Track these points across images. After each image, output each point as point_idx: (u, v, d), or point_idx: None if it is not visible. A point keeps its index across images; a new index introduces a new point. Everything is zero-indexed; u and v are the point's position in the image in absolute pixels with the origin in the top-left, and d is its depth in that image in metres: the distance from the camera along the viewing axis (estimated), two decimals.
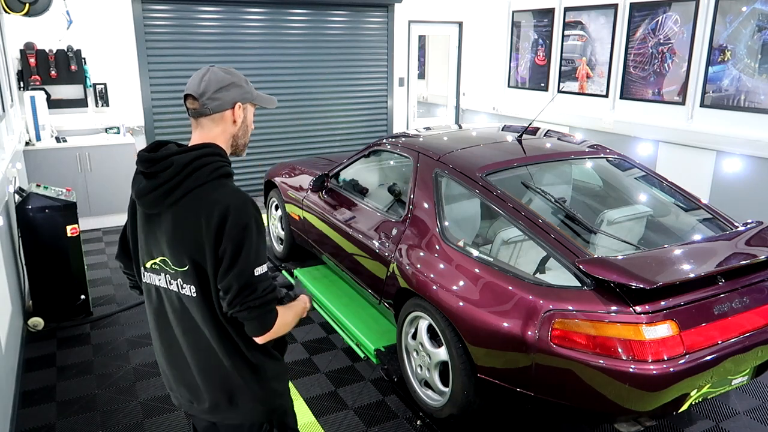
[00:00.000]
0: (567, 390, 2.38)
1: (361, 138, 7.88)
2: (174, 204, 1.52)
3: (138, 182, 1.59)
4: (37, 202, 3.81)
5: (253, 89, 1.68)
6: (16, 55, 5.71)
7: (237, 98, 1.61)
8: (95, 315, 4.14)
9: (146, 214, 1.61)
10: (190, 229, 1.50)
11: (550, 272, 2.64)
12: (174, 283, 1.58)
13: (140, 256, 1.68)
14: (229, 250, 1.47)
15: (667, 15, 5.64)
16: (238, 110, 1.62)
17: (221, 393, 1.65)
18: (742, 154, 5.09)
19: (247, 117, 1.67)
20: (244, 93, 1.63)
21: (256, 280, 1.50)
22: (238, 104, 1.62)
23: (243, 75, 1.67)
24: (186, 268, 1.53)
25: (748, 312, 2.46)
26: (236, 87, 1.61)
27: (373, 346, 3.48)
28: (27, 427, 2.95)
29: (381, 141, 3.92)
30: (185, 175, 1.51)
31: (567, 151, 3.52)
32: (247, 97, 1.64)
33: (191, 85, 1.58)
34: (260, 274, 1.51)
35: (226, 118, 1.61)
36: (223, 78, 1.59)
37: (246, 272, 1.48)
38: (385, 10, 7.65)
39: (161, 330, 1.69)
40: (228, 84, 1.59)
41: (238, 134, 1.65)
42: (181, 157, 1.52)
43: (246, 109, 1.66)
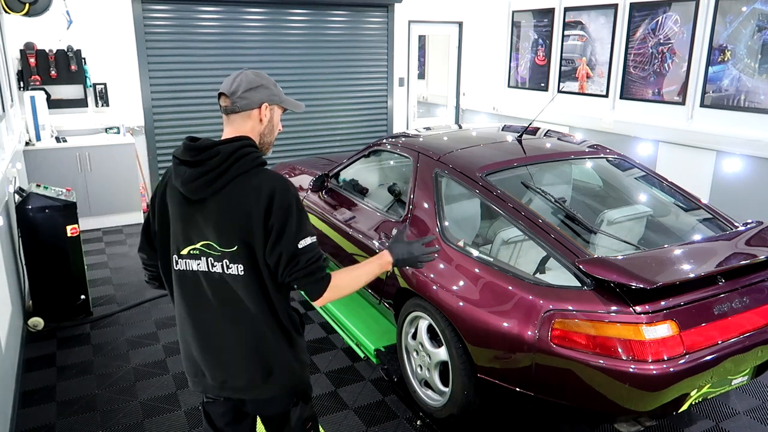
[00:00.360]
0: (567, 390, 2.38)
1: (361, 138, 7.88)
2: (220, 189, 1.65)
3: (180, 172, 1.67)
4: (37, 202, 3.81)
5: (281, 93, 1.80)
6: (16, 55, 5.71)
7: (264, 99, 1.74)
8: (95, 315, 4.14)
9: (186, 203, 1.70)
10: (239, 212, 1.63)
11: (550, 272, 2.64)
12: (217, 264, 1.68)
13: (173, 245, 1.76)
14: (276, 229, 1.62)
15: (667, 15, 5.64)
16: (265, 110, 1.75)
17: (260, 367, 1.76)
18: (742, 154, 5.09)
19: (273, 117, 1.80)
20: (271, 95, 1.76)
21: (299, 252, 1.63)
22: (265, 104, 1.75)
23: (273, 79, 1.80)
24: (234, 248, 1.65)
25: (748, 312, 2.46)
26: (264, 89, 1.74)
27: (373, 346, 3.48)
28: (27, 427, 2.95)
29: (381, 141, 3.92)
30: (231, 162, 1.64)
31: (567, 151, 3.52)
32: (274, 99, 1.77)
33: (225, 84, 1.74)
34: (304, 246, 1.64)
35: (253, 116, 1.74)
36: (253, 80, 1.73)
37: (291, 246, 1.62)
38: (385, 10, 7.65)
39: (196, 314, 1.76)
40: (257, 86, 1.73)
41: (264, 132, 1.78)
42: (226, 147, 1.65)
43: (272, 110, 1.78)
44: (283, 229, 1.62)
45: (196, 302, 1.75)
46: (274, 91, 1.77)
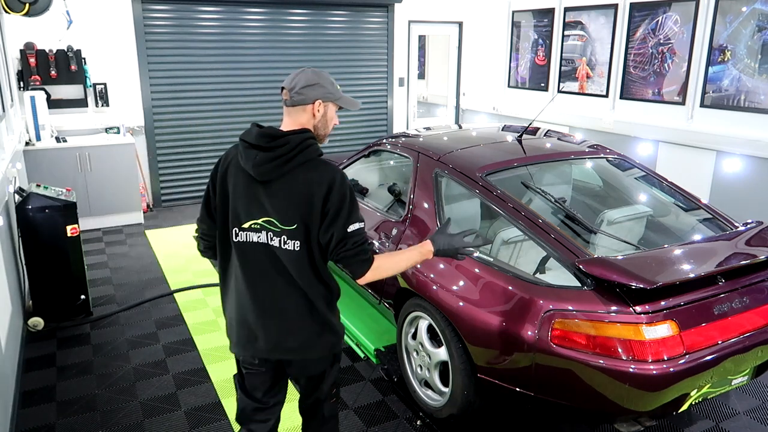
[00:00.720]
0: (567, 390, 2.38)
1: (361, 138, 7.88)
2: (286, 174, 1.86)
3: (251, 155, 1.87)
4: (37, 202, 3.81)
5: (337, 92, 1.98)
6: (16, 55, 5.71)
7: (318, 96, 1.92)
8: (95, 315, 4.14)
9: (252, 183, 1.90)
10: (301, 196, 1.85)
11: (550, 272, 2.64)
12: (276, 239, 1.89)
13: (233, 219, 1.94)
14: (331, 213, 1.84)
15: (667, 15, 5.64)
16: (318, 106, 1.93)
17: (313, 330, 1.98)
18: (742, 154, 5.09)
19: (327, 113, 1.97)
20: (326, 93, 1.94)
21: (348, 235, 1.84)
22: (319, 101, 1.93)
23: (331, 78, 1.98)
24: (294, 227, 1.87)
25: (748, 312, 2.46)
26: (320, 87, 1.92)
27: (373, 346, 3.48)
28: (27, 427, 2.95)
29: (381, 141, 3.92)
30: (298, 151, 1.86)
31: (567, 151, 3.52)
32: (329, 97, 1.95)
33: (287, 80, 1.95)
34: (353, 231, 1.85)
35: (308, 110, 1.93)
36: (310, 78, 1.92)
37: (341, 230, 1.84)
38: (385, 10, 7.65)
39: (256, 282, 1.95)
40: (313, 84, 1.91)
41: (318, 125, 1.96)
42: (295, 138, 1.87)
43: (327, 107, 1.96)
44: (337, 214, 1.84)
45: (254, 271, 1.93)
46: (329, 89, 1.95)
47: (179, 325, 4.02)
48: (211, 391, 3.25)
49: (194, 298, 4.46)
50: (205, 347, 3.72)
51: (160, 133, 6.66)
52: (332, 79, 2.00)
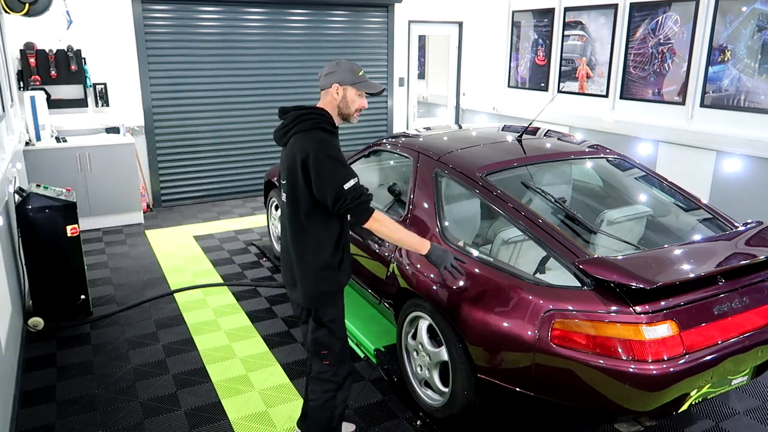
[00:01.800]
0: (567, 390, 2.38)
1: (361, 138, 7.89)
2: (289, 140, 2.30)
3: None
4: (37, 202, 3.81)
5: (356, 77, 2.32)
6: (16, 55, 5.71)
7: (334, 81, 2.31)
8: (95, 315, 4.14)
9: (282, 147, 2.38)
10: (291, 159, 2.26)
11: (550, 272, 2.64)
12: (284, 195, 2.37)
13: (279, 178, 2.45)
14: (315, 178, 2.19)
15: (667, 15, 5.64)
16: (336, 89, 2.31)
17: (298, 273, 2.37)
18: (742, 154, 5.09)
19: (347, 96, 2.33)
20: (342, 78, 2.30)
21: (344, 192, 2.18)
22: (336, 85, 2.30)
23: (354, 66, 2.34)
24: (285, 182, 2.33)
25: (748, 312, 2.46)
26: (337, 74, 2.30)
27: (373, 346, 3.48)
28: (27, 427, 2.95)
29: (381, 141, 3.92)
30: (295, 123, 2.28)
31: (567, 151, 3.52)
32: (345, 81, 2.31)
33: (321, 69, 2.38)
34: (349, 188, 2.19)
35: (330, 93, 2.33)
36: (331, 67, 2.33)
37: (332, 188, 2.18)
38: (385, 10, 7.65)
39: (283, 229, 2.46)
40: (332, 71, 2.31)
41: (340, 106, 2.34)
42: (295, 112, 2.29)
43: (345, 90, 2.32)
44: (321, 178, 2.18)
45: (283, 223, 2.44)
46: (346, 75, 2.30)
47: (179, 325, 4.02)
48: (211, 391, 3.25)
49: (194, 298, 4.46)
50: (205, 347, 3.72)
51: (160, 133, 6.66)
52: (354, 67, 2.33)
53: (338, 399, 2.49)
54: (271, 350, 3.68)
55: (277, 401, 3.16)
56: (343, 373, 2.47)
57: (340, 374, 2.46)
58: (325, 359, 2.43)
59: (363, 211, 2.24)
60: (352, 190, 2.20)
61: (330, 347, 2.42)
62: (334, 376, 2.45)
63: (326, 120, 2.30)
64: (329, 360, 2.42)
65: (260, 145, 7.24)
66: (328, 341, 2.41)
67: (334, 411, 2.49)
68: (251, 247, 5.56)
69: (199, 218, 6.45)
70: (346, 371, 2.49)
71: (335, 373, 2.44)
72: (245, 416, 3.03)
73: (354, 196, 2.20)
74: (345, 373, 2.48)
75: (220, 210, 6.77)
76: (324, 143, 2.22)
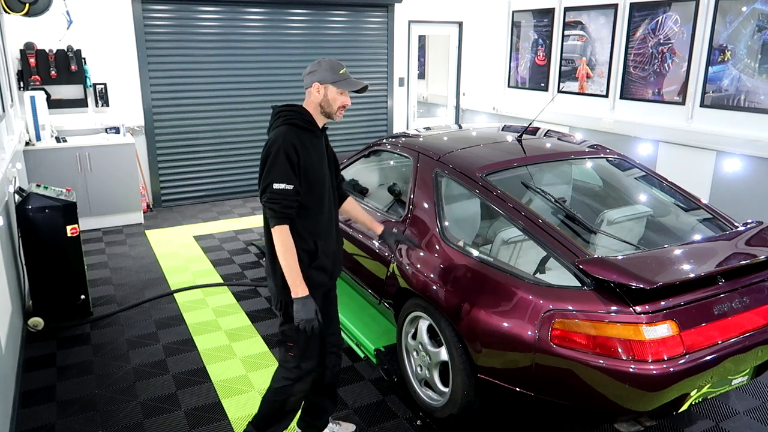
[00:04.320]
0: (567, 390, 2.38)
1: (361, 138, 7.89)
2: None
3: None
4: (37, 202, 3.81)
5: (336, 75, 2.35)
6: (16, 55, 5.71)
7: (315, 79, 2.36)
8: (95, 315, 4.14)
9: None
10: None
11: (550, 272, 2.64)
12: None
13: None
14: (260, 165, 2.30)
15: (667, 15, 5.64)
16: (317, 88, 2.36)
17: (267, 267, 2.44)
18: (742, 154, 5.09)
19: (328, 94, 2.36)
20: (322, 77, 2.34)
21: (270, 189, 2.23)
22: (316, 83, 2.35)
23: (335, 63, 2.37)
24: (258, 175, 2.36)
25: (748, 312, 2.46)
26: (317, 73, 2.35)
27: (373, 346, 3.48)
28: (27, 427, 2.95)
29: (381, 141, 3.92)
30: (274, 119, 2.37)
31: (567, 151, 3.51)
32: (326, 80, 2.34)
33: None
34: (277, 189, 2.23)
35: (312, 92, 2.38)
36: (312, 66, 2.38)
37: (264, 181, 2.25)
38: (385, 10, 7.65)
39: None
40: (313, 71, 2.37)
41: (323, 104, 2.38)
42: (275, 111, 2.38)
43: (326, 88, 2.35)
44: (263, 168, 2.27)
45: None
46: (326, 74, 2.34)
47: (179, 325, 4.02)
48: (211, 391, 3.25)
49: (194, 298, 4.46)
50: (205, 347, 3.72)
51: (160, 133, 6.66)
52: (335, 66, 2.35)
53: (295, 388, 2.48)
54: (271, 350, 3.68)
55: None
56: (307, 367, 2.46)
57: (303, 368, 2.45)
58: (290, 351, 2.44)
59: (272, 216, 2.26)
60: (278, 192, 2.23)
61: (296, 341, 2.42)
62: (296, 368, 2.45)
63: (300, 117, 2.33)
64: (294, 352, 2.43)
65: (260, 145, 7.21)
66: (294, 335, 2.41)
67: (288, 398, 2.49)
68: (251, 247, 5.56)
69: (199, 218, 6.45)
70: (310, 366, 2.47)
71: (298, 365, 2.45)
72: (245, 416, 3.03)
73: (273, 199, 2.23)
74: (308, 368, 2.46)
75: (220, 210, 6.77)
76: (283, 138, 2.26)
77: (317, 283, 2.41)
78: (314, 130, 2.38)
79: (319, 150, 2.40)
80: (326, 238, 2.44)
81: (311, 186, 2.34)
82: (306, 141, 2.32)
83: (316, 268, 2.39)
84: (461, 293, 2.70)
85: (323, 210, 2.42)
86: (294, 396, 2.50)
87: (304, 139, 2.31)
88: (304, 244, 2.35)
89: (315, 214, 2.38)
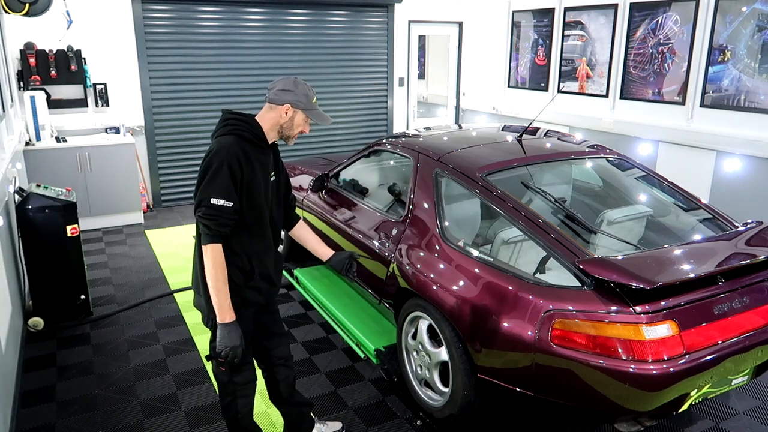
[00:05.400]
0: (567, 390, 2.38)
1: (361, 138, 7.88)
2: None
3: None
4: (37, 202, 3.81)
5: (309, 103, 2.25)
6: (16, 55, 5.71)
7: (288, 101, 2.22)
8: (95, 315, 4.14)
9: None
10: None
11: (550, 272, 2.64)
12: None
13: None
14: (198, 177, 2.15)
15: (667, 15, 5.64)
16: (287, 109, 2.23)
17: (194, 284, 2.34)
18: (742, 154, 5.09)
19: (295, 119, 2.26)
20: (296, 101, 2.22)
21: (206, 204, 2.09)
22: (288, 105, 2.22)
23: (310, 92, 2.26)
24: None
25: (748, 312, 2.46)
26: (293, 94, 2.22)
27: (373, 346, 3.48)
28: (27, 427, 2.95)
29: (381, 141, 3.92)
30: (221, 125, 2.21)
31: (567, 151, 3.51)
32: (298, 105, 2.23)
33: (274, 81, 2.26)
34: (215, 204, 2.09)
35: (277, 110, 2.24)
36: (288, 84, 2.23)
37: (201, 195, 2.11)
38: (385, 10, 7.65)
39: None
40: (288, 90, 2.22)
41: (284, 126, 2.26)
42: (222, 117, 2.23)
43: (296, 113, 2.24)
44: (201, 180, 2.13)
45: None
46: (300, 99, 2.22)
47: (179, 325, 4.02)
48: (211, 391, 3.25)
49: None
50: (205, 347, 3.72)
51: (160, 133, 6.66)
52: (310, 92, 2.25)
53: (239, 405, 2.42)
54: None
55: None
56: (241, 380, 2.38)
57: (237, 381, 2.37)
58: (221, 365, 2.33)
59: (205, 233, 2.12)
60: (215, 208, 2.09)
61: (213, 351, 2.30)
62: (230, 383, 2.38)
63: (248, 128, 2.19)
64: (224, 366, 2.33)
65: None
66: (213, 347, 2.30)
67: (236, 415, 2.43)
68: None
69: None
70: (245, 379, 2.39)
71: (230, 380, 2.37)
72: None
73: (209, 215, 2.09)
74: (243, 381, 2.39)
75: None
76: (227, 150, 2.12)
77: (250, 302, 2.31)
78: (263, 146, 2.24)
79: (265, 166, 2.26)
80: (263, 258, 2.32)
81: (252, 204, 2.20)
82: (251, 155, 2.18)
83: (251, 288, 2.28)
84: (461, 293, 2.70)
85: (263, 230, 2.29)
86: (241, 413, 2.44)
87: (249, 153, 2.17)
88: (239, 262, 2.23)
89: (253, 234, 2.25)
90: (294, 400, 2.66)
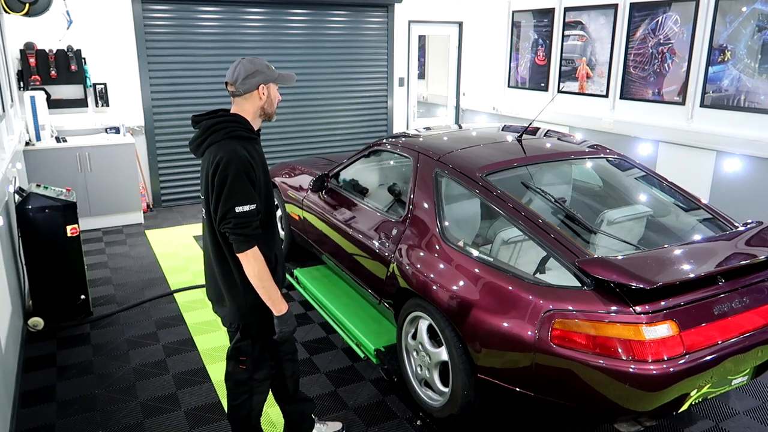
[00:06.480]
0: (567, 390, 2.38)
1: (361, 138, 7.88)
2: (204, 152, 2.20)
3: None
4: (37, 202, 3.81)
5: (273, 72, 2.25)
6: (16, 55, 5.71)
7: (260, 81, 2.22)
8: (95, 315, 4.14)
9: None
10: (206, 172, 2.17)
11: (550, 272, 2.64)
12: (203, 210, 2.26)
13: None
14: (216, 191, 2.12)
15: (667, 15, 5.64)
16: (262, 90, 2.23)
17: (215, 293, 2.36)
18: (742, 154, 5.09)
19: (271, 93, 2.27)
20: (266, 77, 2.23)
21: (232, 215, 2.10)
22: (262, 85, 2.22)
23: (265, 61, 2.24)
24: (204, 198, 2.23)
25: (748, 312, 2.46)
26: (259, 73, 2.21)
27: (373, 346, 3.48)
28: (27, 427, 2.95)
29: (381, 141, 3.92)
30: (208, 134, 2.18)
31: (567, 151, 3.52)
32: (269, 79, 2.24)
33: (228, 75, 2.23)
34: (240, 212, 2.10)
35: (254, 96, 2.23)
36: (249, 68, 2.20)
37: (224, 207, 2.11)
38: (385, 10, 7.65)
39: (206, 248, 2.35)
40: (253, 72, 2.20)
41: (265, 106, 2.28)
42: (207, 122, 2.20)
43: (269, 88, 2.26)
44: (219, 192, 2.11)
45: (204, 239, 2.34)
46: (267, 73, 2.23)
47: (179, 325, 4.02)
48: (211, 391, 3.25)
49: (194, 298, 4.46)
50: (205, 347, 3.72)
51: (160, 133, 6.66)
52: (266, 63, 2.26)
53: (254, 401, 2.46)
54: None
55: None
56: (260, 377, 2.42)
57: (256, 378, 2.42)
58: (242, 364, 2.39)
59: (242, 241, 2.13)
60: (242, 215, 2.10)
61: (249, 355, 2.39)
62: (250, 380, 2.42)
63: (242, 127, 2.20)
64: (246, 365, 2.39)
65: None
66: (250, 350, 2.38)
67: (251, 411, 2.47)
68: None
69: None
70: (263, 376, 2.44)
71: (251, 377, 2.41)
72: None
73: (240, 224, 2.10)
74: (261, 378, 2.43)
75: None
76: (235, 157, 2.11)
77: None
78: (257, 138, 2.28)
79: (262, 157, 2.30)
80: (279, 245, 2.39)
81: (265, 197, 2.26)
82: (252, 152, 2.21)
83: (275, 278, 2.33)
84: (461, 293, 2.70)
85: (273, 220, 2.36)
86: (255, 410, 2.48)
87: (250, 151, 2.20)
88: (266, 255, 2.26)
89: (267, 226, 2.29)
90: (298, 397, 2.69)
